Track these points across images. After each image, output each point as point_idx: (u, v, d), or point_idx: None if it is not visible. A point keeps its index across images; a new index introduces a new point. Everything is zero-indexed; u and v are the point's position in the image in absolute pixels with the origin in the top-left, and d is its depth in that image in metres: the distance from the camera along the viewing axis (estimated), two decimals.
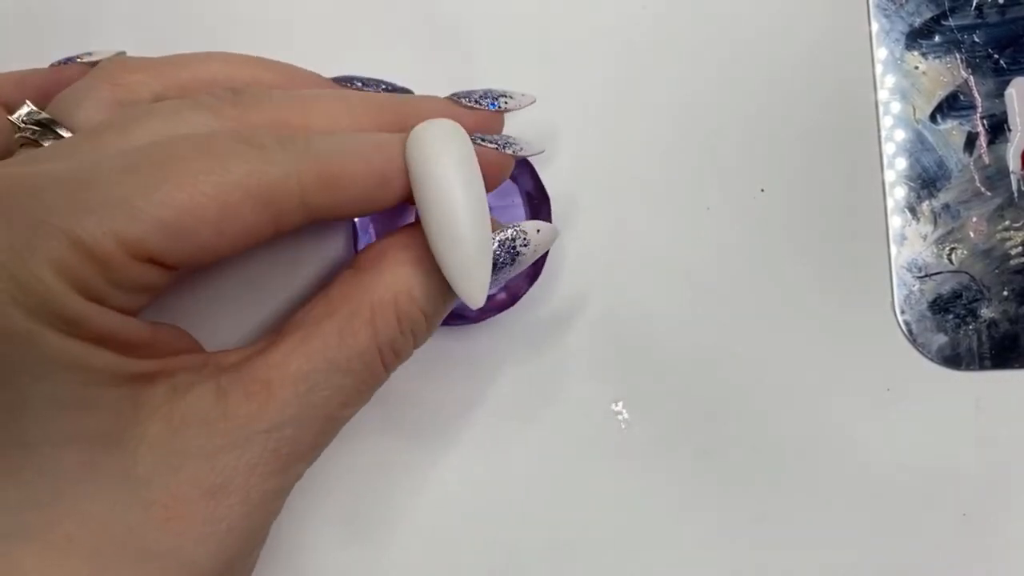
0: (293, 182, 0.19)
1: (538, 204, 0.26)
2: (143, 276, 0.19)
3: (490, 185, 0.22)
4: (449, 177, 0.20)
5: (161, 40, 0.27)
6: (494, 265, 0.21)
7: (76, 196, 0.18)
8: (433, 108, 0.23)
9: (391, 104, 0.23)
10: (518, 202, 0.26)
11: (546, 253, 0.25)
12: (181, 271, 0.20)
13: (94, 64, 0.24)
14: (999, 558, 0.27)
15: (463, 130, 0.21)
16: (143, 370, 0.19)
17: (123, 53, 0.25)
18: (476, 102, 0.23)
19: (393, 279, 0.21)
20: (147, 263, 0.19)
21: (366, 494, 0.26)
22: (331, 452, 0.26)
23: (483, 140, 0.22)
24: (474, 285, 0.20)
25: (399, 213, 0.25)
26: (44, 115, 0.22)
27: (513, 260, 0.22)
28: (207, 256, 0.19)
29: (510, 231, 0.22)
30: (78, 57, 0.25)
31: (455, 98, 0.24)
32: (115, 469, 0.19)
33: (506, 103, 0.24)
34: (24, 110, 0.22)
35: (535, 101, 0.24)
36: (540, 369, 0.27)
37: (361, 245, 0.25)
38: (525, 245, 0.22)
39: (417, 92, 0.25)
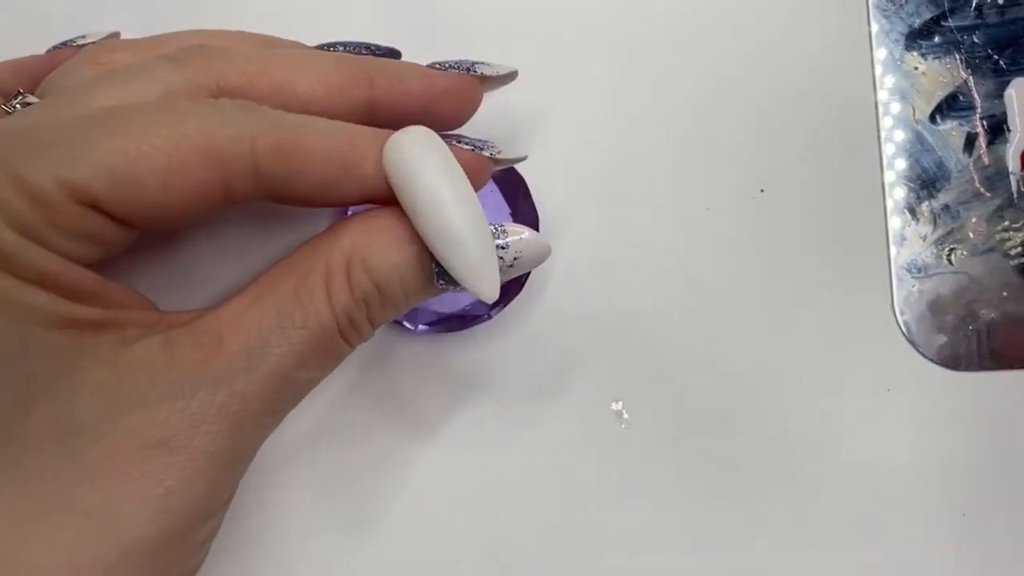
0: (246, 144, 0.19)
1: (514, 197, 0.26)
2: (87, 222, 0.18)
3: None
4: (436, 183, 0.19)
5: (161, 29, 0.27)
6: None
7: (24, 139, 0.18)
8: (400, 66, 0.22)
9: (355, 62, 0.22)
10: (505, 212, 0.26)
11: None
12: (134, 227, 0.19)
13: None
14: (998, 558, 0.27)
15: (435, 134, 0.20)
16: (87, 317, 0.19)
17: (116, 34, 0.25)
18: (449, 67, 0.23)
19: (351, 244, 0.20)
20: (91, 209, 0.18)
21: (366, 494, 0.26)
22: (331, 452, 0.26)
23: (458, 142, 0.22)
24: (486, 283, 0.20)
25: None
26: (32, 98, 0.21)
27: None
28: (155, 212, 0.19)
29: (491, 227, 0.21)
30: (73, 41, 0.25)
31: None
32: (47, 415, 0.18)
33: (482, 68, 0.23)
34: (16, 99, 0.21)
35: (516, 74, 0.23)
36: (540, 369, 0.27)
37: None
38: (504, 248, 0.21)
39: None
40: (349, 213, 0.25)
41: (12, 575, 0.17)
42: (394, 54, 0.24)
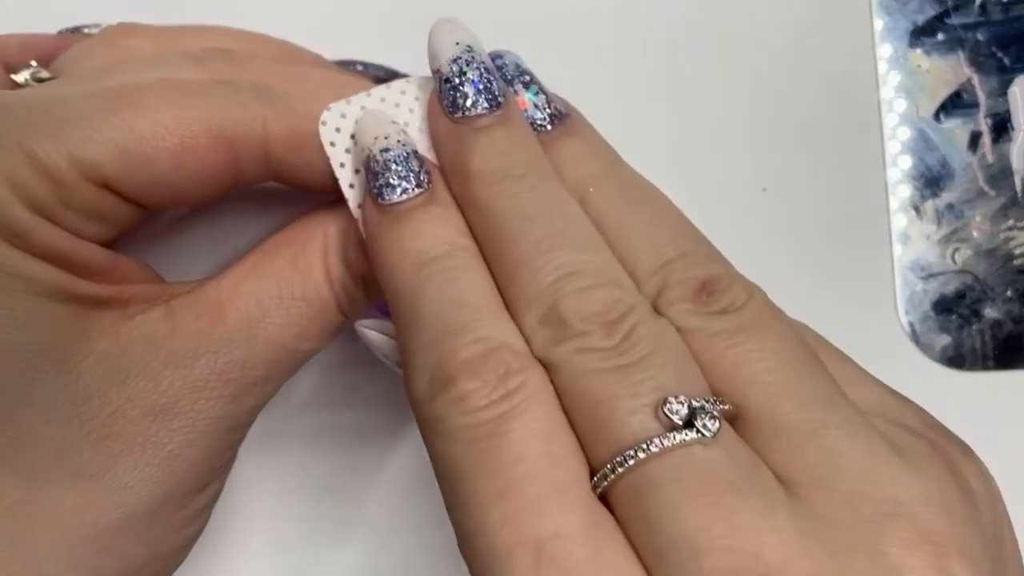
0: (258, 129, 0.19)
1: None
2: (98, 201, 0.18)
3: None
4: None
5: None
6: None
7: (38, 115, 0.18)
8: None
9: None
10: None
11: None
12: (144, 207, 0.19)
13: None
14: None
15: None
16: (95, 293, 0.19)
17: None
18: None
19: (348, 218, 0.20)
20: (102, 188, 0.18)
21: (365, 494, 0.26)
22: (331, 452, 0.26)
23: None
24: None
25: None
26: (46, 73, 0.21)
27: None
28: (166, 192, 0.19)
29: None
30: (84, 28, 0.25)
31: None
32: (56, 382, 0.18)
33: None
34: (28, 71, 0.22)
35: None
36: None
37: None
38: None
39: None
40: None
41: (21, 536, 0.18)
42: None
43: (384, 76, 0.24)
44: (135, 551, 0.19)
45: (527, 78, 0.20)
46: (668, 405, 0.15)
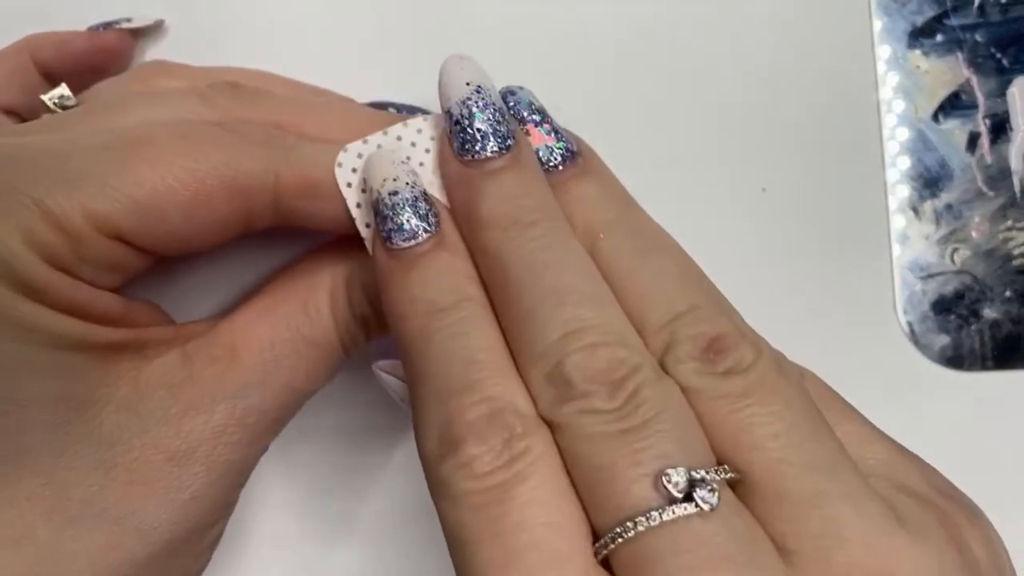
0: (270, 180, 0.19)
1: None
2: (112, 253, 0.19)
3: None
4: None
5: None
6: None
7: (52, 168, 0.18)
8: None
9: (389, 120, 0.22)
10: None
11: None
12: (155, 255, 0.20)
13: (134, 31, 0.25)
14: None
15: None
16: (112, 339, 0.19)
17: (161, 22, 0.26)
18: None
19: (352, 262, 0.21)
20: (116, 241, 0.19)
21: (366, 494, 0.26)
22: (331, 452, 0.26)
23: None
24: None
25: None
26: (71, 101, 0.22)
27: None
28: (177, 242, 0.19)
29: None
30: (117, 23, 0.25)
31: None
32: (80, 430, 0.19)
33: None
34: (57, 92, 0.22)
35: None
36: None
37: None
38: None
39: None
40: None
41: (53, 574, 0.18)
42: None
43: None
44: None
45: (539, 117, 0.20)
46: (668, 477, 0.15)
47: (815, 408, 0.17)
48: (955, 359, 0.27)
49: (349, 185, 0.19)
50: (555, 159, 0.20)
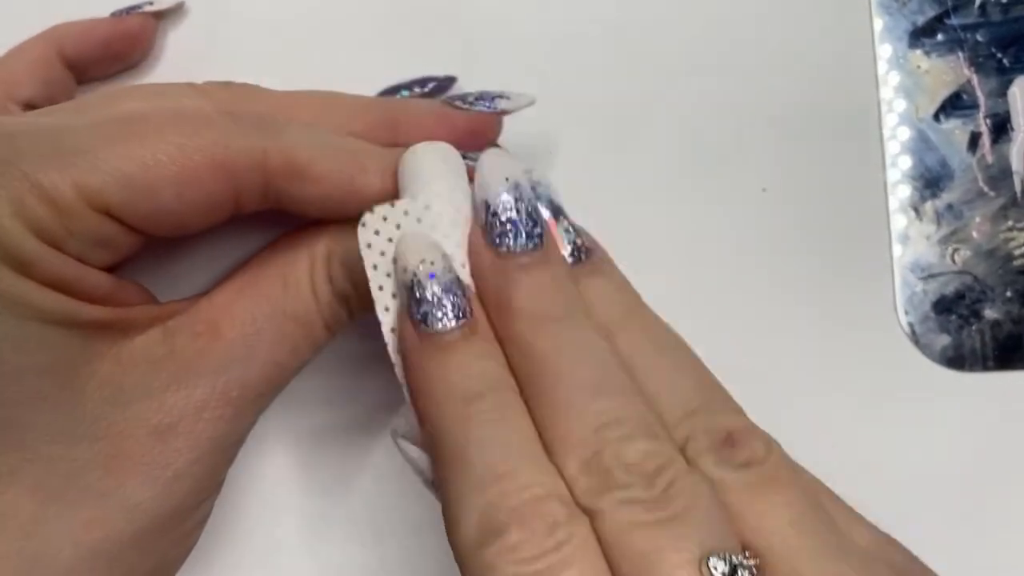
0: (258, 159, 0.19)
1: None
2: (101, 229, 0.19)
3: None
4: (433, 177, 0.20)
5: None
6: None
7: (44, 143, 0.18)
8: (423, 109, 0.23)
9: (380, 106, 0.23)
10: None
11: None
12: (145, 235, 0.20)
13: (156, 14, 0.25)
14: (999, 559, 0.27)
15: (457, 153, 0.21)
16: (98, 317, 0.19)
17: (181, 3, 0.26)
18: (471, 104, 0.23)
19: (333, 235, 0.21)
20: (105, 216, 0.19)
21: (364, 494, 0.26)
22: (331, 451, 0.26)
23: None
24: None
25: None
26: None
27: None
28: (166, 221, 0.20)
29: None
30: (139, 7, 0.25)
31: (449, 100, 0.23)
32: (64, 405, 0.19)
33: (502, 104, 0.23)
34: None
35: (534, 101, 0.24)
36: None
37: None
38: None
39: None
40: None
41: (37, 550, 0.19)
42: (450, 80, 0.25)
43: (429, 91, 0.24)
44: (142, 562, 0.20)
45: (558, 212, 0.21)
46: (711, 561, 0.15)
47: (818, 498, 0.18)
48: (956, 359, 0.27)
49: (369, 246, 0.19)
50: (572, 255, 0.20)
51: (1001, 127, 0.28)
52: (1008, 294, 0.27)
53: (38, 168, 0.18)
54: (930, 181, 0.28)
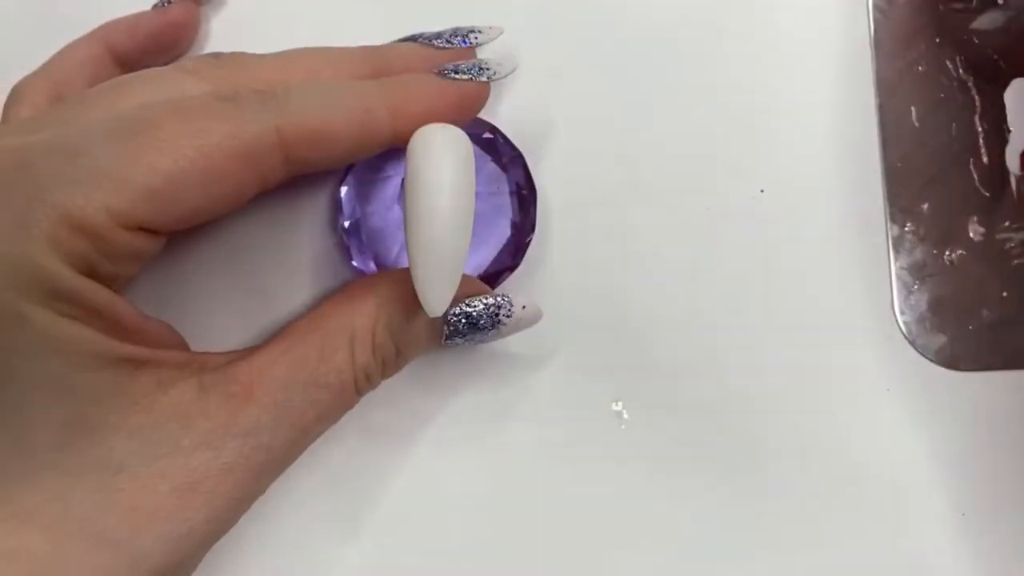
0: (274, 138, 0.20)
1: (527, 197, 0.26)
2: (133, 244, 0.19)
3: (467, 119, 0.23)
4: (440, 184, 0.20)
5: None
6: (473, 325, 0.23)
7: (64, 168, 0.18)
8: (407, 53, 0.24)
9: (367, 54, 0.23)
10: (505, 190, 0.26)
11: (528, 242, 0.26)
12: (175, 232, 0.20)
13: (196, 1, 0.25)
14: (998, 558, 0.27)
15: (466, 137, 0.21)
16: (130, 355, 0.20)
17: None
18: (448, 41, 0.24)
19: (376, 309, 0.22)
20: (137, 231, 0.19)
21: (363, 494, 0.26)
22: (327, 452, 0.26)
23: (456, 73, 0.23)
24: (436, 296, 0.20)
25: (388, 193, 0.25)
26: None
27: (493, 326, 0.23)
28: (196, 216, 0.20)
29: (499, 299, 0.23)
30: None
31: (426, 40, 0.24)
32: (89, 453, 0.19)
33: (476, 38, 0.24)
34: None
35: (503, 31, 0.25)
36: (540, 369, 0.27)
37: (344, 220, 0.25)
38: (508, 316, 0.23)
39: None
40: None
41: None
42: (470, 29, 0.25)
43: (451, 34, 0.25)
44: None
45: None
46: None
47: None
48: (952, 359, 0.27)
49: None
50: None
51: (997, 129, 0.28)
52: (1004, 294, 0.28)
53: (65, 197, 0.18)
54: (927, 182, 0.28)
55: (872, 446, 0.27)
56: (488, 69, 0.23)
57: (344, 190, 0.25)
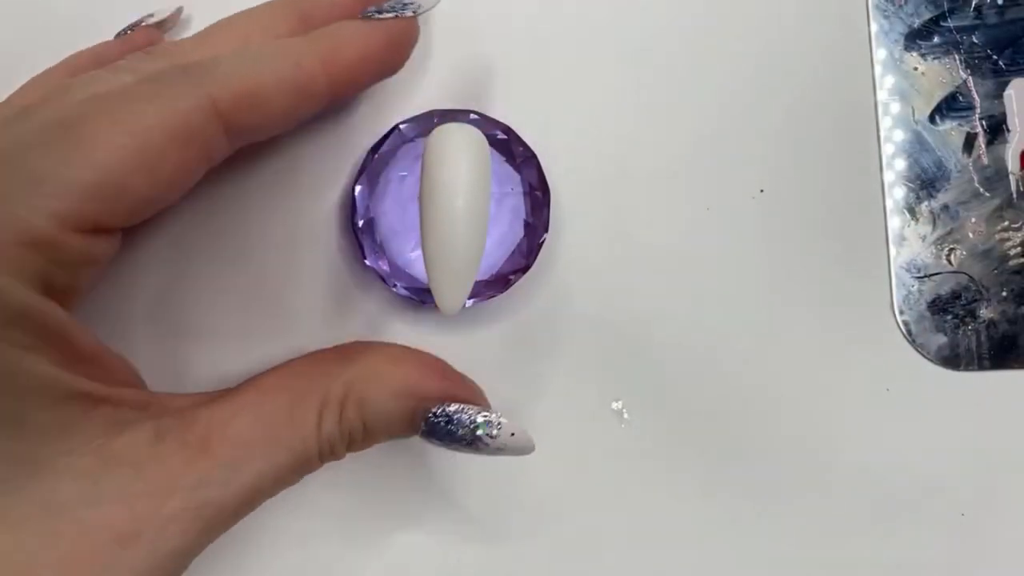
0: (209, 109, 0.19)
1: (540, 198, 0.26)
2: (87, 248, 0.18)
3: (401, 59, 0.22)
4: (457, 185, 0.20)
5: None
6: (450, 436, 0.21)
7: (4, 182, 0.17)
8: (335, 2, 0.23)
9: (291, 6, 0.22)
10: (519, 191, 0.26)
11: (542, 242, 0.25)
12: (129, 226, 0.19)
13: (159, 24, 0.24)
14: (997, 558, 0.27)
15: (483, 138, 0.20)
16: (86, 391, 0.19)
17: (180, 9, 0.25)
18: (384, 12, 0.23)
19: (352, 380, 0.21)
20: (89, 233, 0.18)
21: (363, 493, 0.26)
22: None
23: (380, 13, 0.22)
24: (450, 297, 0.20)
25: (405, 210, 0.25)
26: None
27: (471, 442, 0.22)
28: (149, 207, 0.19)
29: (488, 416, 0.22)
30: (140, 22, 0.25)
31: (367, 13, 0.22)
32: (33, 494, 0.18)
33: (415, 9, 0.23)
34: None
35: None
36: (540, 369, 0.27)
37: (358, 219, 0.25)
38: (492, 437, 0.22)
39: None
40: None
41: None
42: None
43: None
44: None
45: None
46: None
47: None
48: (952, 359, 0.27)
49: None
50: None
51: (997, 129, 0.28)
52: (1003, 294, 0.28)
53: (7, 211, 0.17)
54: (926, 182, 0.28)
55: (872, 446, 0.27)
56: (412, 3, 0.22)
57: (359, 189, 0.25)
